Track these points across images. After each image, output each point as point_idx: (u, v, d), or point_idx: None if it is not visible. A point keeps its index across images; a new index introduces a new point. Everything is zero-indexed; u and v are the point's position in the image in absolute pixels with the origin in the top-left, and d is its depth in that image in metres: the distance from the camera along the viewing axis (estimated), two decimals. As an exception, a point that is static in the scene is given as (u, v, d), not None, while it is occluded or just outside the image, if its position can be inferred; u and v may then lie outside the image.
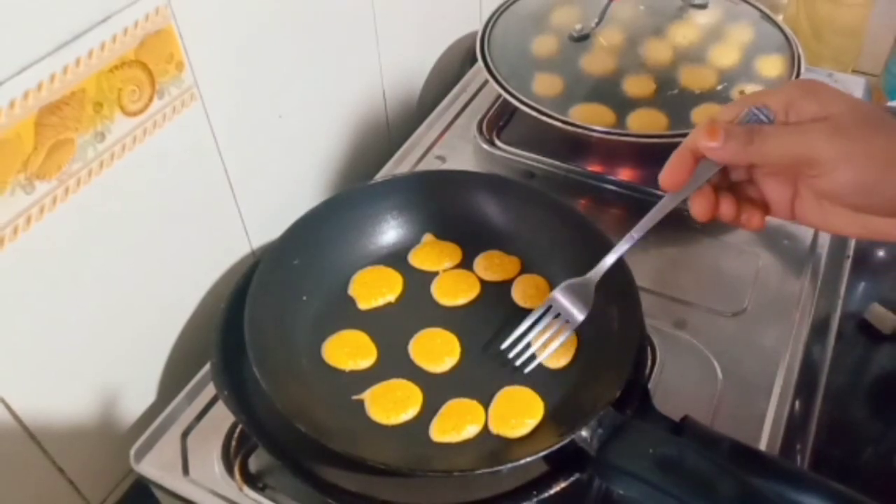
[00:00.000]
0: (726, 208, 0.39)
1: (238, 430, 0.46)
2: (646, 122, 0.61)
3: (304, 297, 0.50)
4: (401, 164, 0.66)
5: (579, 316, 0.46)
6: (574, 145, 0.64)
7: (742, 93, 0.63)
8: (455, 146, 0.68)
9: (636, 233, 0.43)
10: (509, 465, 0.40)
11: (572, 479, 0.41)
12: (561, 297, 0.46)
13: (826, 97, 0.35)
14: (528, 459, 0.40)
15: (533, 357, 0.46)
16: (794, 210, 0.38)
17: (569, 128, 0.59)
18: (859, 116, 0.34)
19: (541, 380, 0.46)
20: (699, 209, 0.38)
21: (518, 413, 0.44)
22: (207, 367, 0.48)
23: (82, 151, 0.40)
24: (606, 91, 0.64)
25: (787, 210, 0.38)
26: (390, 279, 0.52)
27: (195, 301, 0.53)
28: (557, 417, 0.44)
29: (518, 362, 0.46)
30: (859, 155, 0.33)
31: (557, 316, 0.46)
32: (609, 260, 0.45)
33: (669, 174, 0.38)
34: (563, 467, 0.41)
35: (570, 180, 0.64)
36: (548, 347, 0.46)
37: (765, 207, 0.39)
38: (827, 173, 0.34)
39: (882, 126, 0.34)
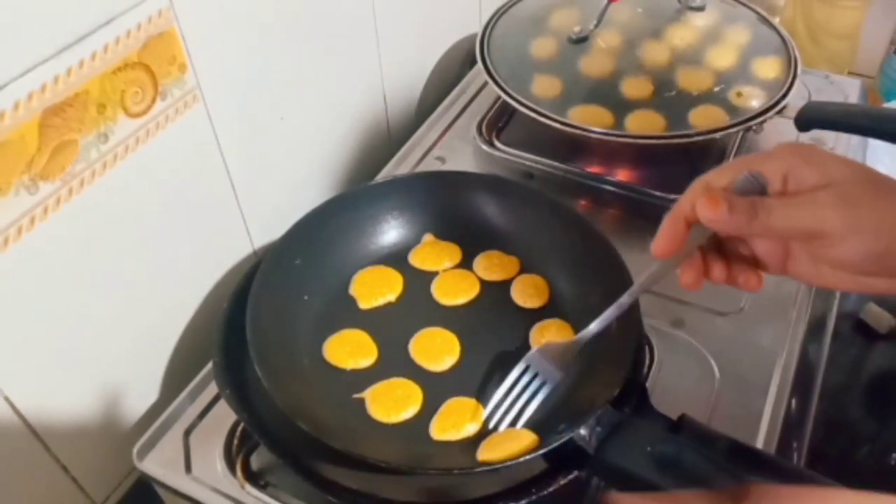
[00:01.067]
0: (718, 272, 0.37)
1: (240, 428, 0.46)
2: (644, 124, 0.62)
3: (306, 297, 0.50)
4: (401, 165, 0.66)
5: (557, 375, 0.44)
6: (573, 146, 0.64)
7: (739, 94, 0.64)
8: (455, 147, 0.68)
9: (625, 299, 0.41)
10: (509, 463, 0.40)
11: (571, 476, 0.41)
12: (539, 357, 0.44)
13: (826, 164, 0.34)
14: (528, 457, 0.40)
15: (517, 419, 0.44)
16: (787, 267, 0.37)
17: (567, 129, 0.60)
18: (864, 183, 0.33)
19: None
20: (689, 279, 0.37)
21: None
22: (209, 366, 0.48)
23: (86, 152, 0.40)
24: (605, 92, 0.64)
25: (780, 267, 0.37)
26: (391, 279, 0.53)
27: (197, 300, 0.53)
28: (556, 416, 0.44)
29: (502, 427, 0.44)
30: (868, 225, 0.32)
31: (536, 375, 0.44)
32: (594, 327, 0.43)
33: (663, 242, 0.36)
34: (562, 465, 0.42)
35: (569, 181, 0.64)
36: (527, 409, 0.44)
37: (757, 264, 0.38)
38: (835, 244, 0.33)
39: (886, 191, 0.33)
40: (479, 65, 0.65)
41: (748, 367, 0.50)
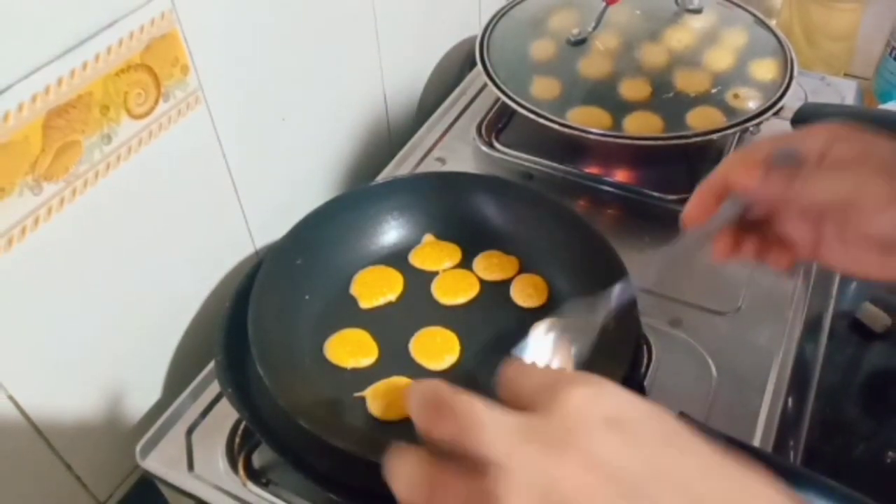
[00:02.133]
0: (749, 248, 0.37)
1: (242, 426, 0.47)
2: (641, 125, 0.62)
3: (307, 297, 0.51)
4: (401, 166, 0.66)
5: (582, 350, 0.40)
6: (571, 147, 0.65)
7: (736, 96, 0.64)
8: (455, 148, 0.68)
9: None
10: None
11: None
12: (560, 332, 0.41)
13: (866, 140, 0.33)
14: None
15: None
16: (819, 252, 0.36)
17: (566, 130, 0.60)
18: None
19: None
20: (720, 250, 0.37)
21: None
22: (212, 364, 0.48)
23: (89, 153, 0.40)
24: (603, 94, 0.65)
25: (810, 252, 0.36)
26: (391, 279, 0.53)
27: (200, 300, 0.53)
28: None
29: None
30: None
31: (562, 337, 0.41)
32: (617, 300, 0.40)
33: (694, 210, 0.36)
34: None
35: (568, 182, 0.64)
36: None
37: (787, 246, 0.37)
38: (875, 214, 0.32)
39: None
40: (479, 66, 0.66)
41: (745, 366, 0.50)
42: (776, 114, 0.61)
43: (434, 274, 0.54)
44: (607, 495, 0.21)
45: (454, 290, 0.52)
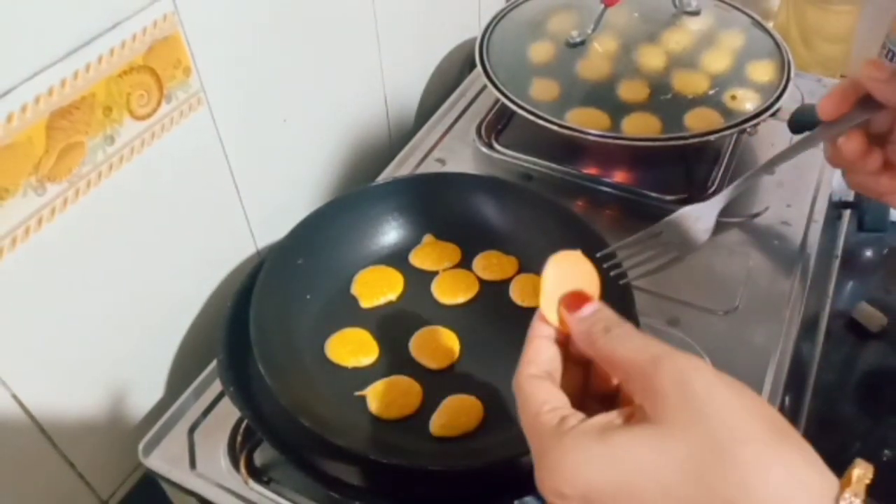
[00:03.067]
0: (875, 159, 0.39)
1: (244, 425, 0.47)
2: (640, 126, 0.62)
3: (308, 296, 0.51)
4: (402, 167, 0.67)
5: (697, 241, 0.42)
6: (570, 148, 0.65)
7: (734, 97, 0.65)
8: (454, 149, 0.69)
9: (775, 164, 0.43)
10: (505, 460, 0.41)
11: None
12: (677, 222, 0.43)
13: None
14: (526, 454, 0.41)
15: (625, 275, 0.43)
16: None
17: (565, 131, 0.60)
18: None
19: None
20: (850, 145, 0.39)
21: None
22: (214, 363, 0.48)
23: (92, 154, 0.41)
24: (602, 95, 0.65)
25: None
26: (391, 278, 0.53)
27: (202, 300, 0.54)
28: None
29: (612, 272, 0.43)
30: None
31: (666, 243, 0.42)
32: (736, 188, 0.43)
33: (829, 101, 0.39)
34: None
35: (567, 182, 0.65)
36: (643, 266, 0.43)
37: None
38: None
39: None
40: (479, 68, 0.66)
41: (743, 365, 0.50)
42: (773, 115, 0.61)
43: (434, 274, 0.54)
44: None
45: (454, 289, 0.53)
